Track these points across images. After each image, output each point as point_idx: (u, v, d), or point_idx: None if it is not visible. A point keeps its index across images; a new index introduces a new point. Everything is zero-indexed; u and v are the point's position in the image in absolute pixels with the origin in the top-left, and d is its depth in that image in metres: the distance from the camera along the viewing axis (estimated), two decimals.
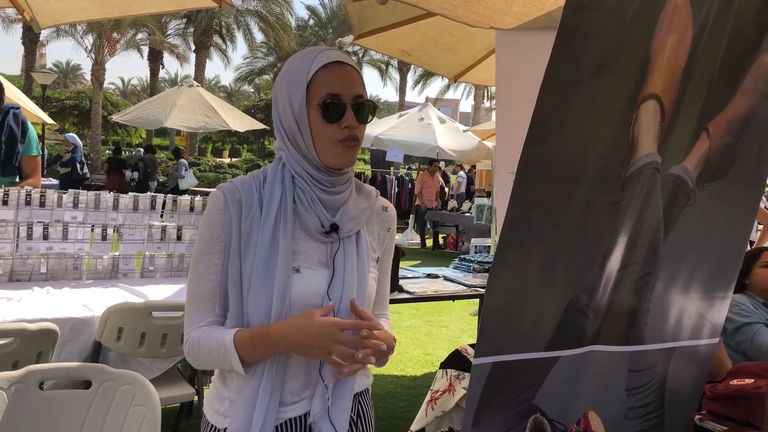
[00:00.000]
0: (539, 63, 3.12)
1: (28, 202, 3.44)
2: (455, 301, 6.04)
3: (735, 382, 2.28)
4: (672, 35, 1.76)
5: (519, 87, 3.29)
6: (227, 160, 33.98)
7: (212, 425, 1.46)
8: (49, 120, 14.13)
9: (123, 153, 19.64)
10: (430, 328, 6.76)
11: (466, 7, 3.22)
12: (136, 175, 15.21)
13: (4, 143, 3.91)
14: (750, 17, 1.90)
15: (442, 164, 16.13)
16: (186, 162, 15.38)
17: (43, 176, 16.58)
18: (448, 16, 3.28)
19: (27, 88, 24.88)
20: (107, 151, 26.41)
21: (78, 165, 14.03)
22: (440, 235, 14.34)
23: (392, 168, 20.93)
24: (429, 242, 14.44)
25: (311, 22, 39.13)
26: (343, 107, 1.41)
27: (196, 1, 3.52)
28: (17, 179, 4.04)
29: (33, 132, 4.14)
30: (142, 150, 17.39)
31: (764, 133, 2.07)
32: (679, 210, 2.01)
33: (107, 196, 3.67)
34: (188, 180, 15.14)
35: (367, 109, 1.45)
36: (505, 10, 3.32)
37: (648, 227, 1.94)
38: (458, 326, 6.76)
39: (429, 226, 14.40)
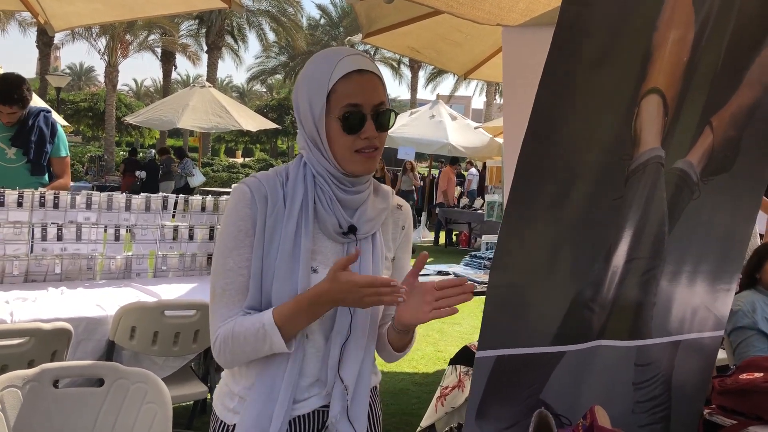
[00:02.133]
0: (545, 59, 3.12)
1: (42, 204, 3.49)
2: None
3: (744, 376, 2.28)
4: (674, 30, 1.76)
5: (526, 83, 3.28)
6: (240, 160, 34.14)
7: (222, 421, 1.49)
8: (63, 122, 14.30)
9: (138, 154, 19.80)
10: (443, 326, 6.77)
11: (472, 4, 3.23)
12: (144, 174, 15.30)
13: (34, 143, 4.03)
14: (753, 11, 1.91)
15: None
16: (191, 160, 15.44)
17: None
18: (454, 13, 3.29)
19: (42, 91, 25.12)
20: (121, 153, 26.62)
21: None
22: (453, 232, 14.33)
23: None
24: (442, 239, 14.43)
25: (323, 21, 39.21)
26: (362, 118, 1.40)
27: (205, 3, 3.56)
28: (45, 179, 4.16)
29: (62, 134, 4.29)
30: (153, 151, 17.51)
31: (767, 127, 2.07)
32: (683, 204, 2.02)
33: (119, 197, 3.72)
34: (198, 178, 15.22)
35: (388, 116, 1.44)
36: (511, 6, 3.32)
37: (653, 221, 1.95)
38: (470, 323, 6.77)
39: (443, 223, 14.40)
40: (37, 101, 11.56)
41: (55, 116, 12.79)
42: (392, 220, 1.61)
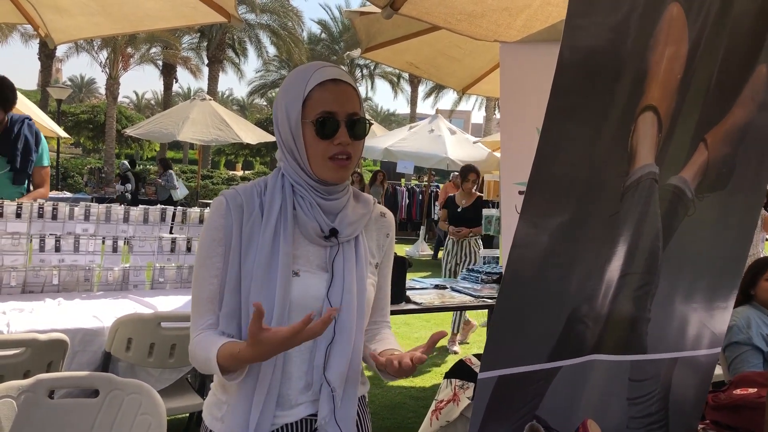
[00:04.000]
0: (543, 75, 3.14)
1: (40, 215, 3.51)
2: (464, 312, 6.07)
3: (738, 391, 2.28)
4: (668, 47, 1.78)
5: (523, 99, 3.32)
6: (240, 173, 34.17)
7: (210, 430, 1.50)
8: (63, 134, 14.30)
9: (137, 166, 19.82)
10: (441, 340, 6.75)
11: (470, 21, 3.26)
12: (129, 187, 15.26)
13: (20, 152, 3.96)
14: (746, 28, 1.93)
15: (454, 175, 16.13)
16: (174, 173, 15.36)
17: (58, 189, 16.67)
18: (453, 29, 3.33)
19: (43, 103, 25.19)
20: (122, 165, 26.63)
21: None
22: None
23: (403, 180, 20.98)
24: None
25: (323, 35, 39.37)
26: (336, 124, 1.45)
27: (205, 17, 3.57)
28: (25, 188, 4.07)
29: (45, 143, 4.21)
30: (126, 162, 17.44)
31: (763, 143, 2.09)
32: (678, 220, 2.03)
33: (118, 209, 3.74)
34: (181, 191, 15.12)
35: (362, 125, 1.49)
36: (509, 23, 3.35)
37: (647, 237, 1.95)
38: (469, 337, 6.75)
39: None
40: (38, 113, 11.60)
41: (55, 127, 12.76)
42: (377, 227, 1.64)
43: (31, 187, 4.13)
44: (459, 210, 6.70)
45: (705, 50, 1.85)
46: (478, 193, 7.13)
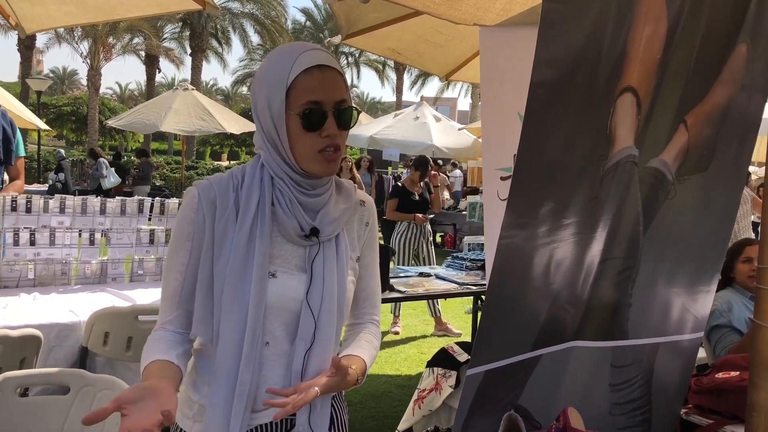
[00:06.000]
0: (523, 59, 3.10)
1: (14, 208, 3.43)
2: (448, 299, 6.05)
3: (720, 375, 2.26)
4: (647, 27, 1.75)
5: (503, 83, 3.28)
6: (225, 163, 34.01)
7: (180, 428, 1.45)
8: (44, 126, 14.13)
9: (123, 158, 19.61)
10: (426, 327, 6.74)
11: (449, 4, 3.20)
12: (62, 176, 15.00)
13: (1, 142, 3.80)
14: (725, 8, 1.89)
15: (440, 162, 16.11)
16: (105, 161, 15.09)
17: (40, 182, 16.41)
18: (431, 13, 3.26)
19: (24, 95, 24.89)
20: (107, 157, 26.39)
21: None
22: (437, 234, 14.32)
23: (390, 167, 20.94)
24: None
25: (307, 23, 39.13)
26: (323, 115, 1.35)
27: (179, 4, 3.49)
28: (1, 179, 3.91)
29: (19, 133, 4.08)
30: (62, 151, 17.16)
31: (744, 124, 2.06)
32: (659, 203, 2.00)
33: (94, 201, 3.65)
34: (110, 179, 14.86)
35: (350, 114, 1.39)
36: (488, 7, 3.30)
37: (627, 221, 1.93)
38: (454, 324, 6.74)
39: None
40: (18, 105, 11.44)
41: (36, 120, 12.59)
42: (357, 217, 1.54)
43: (6, 179, 4.03)
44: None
45: (684, 30, 1.81)
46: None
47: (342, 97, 1.38)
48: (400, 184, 7.13)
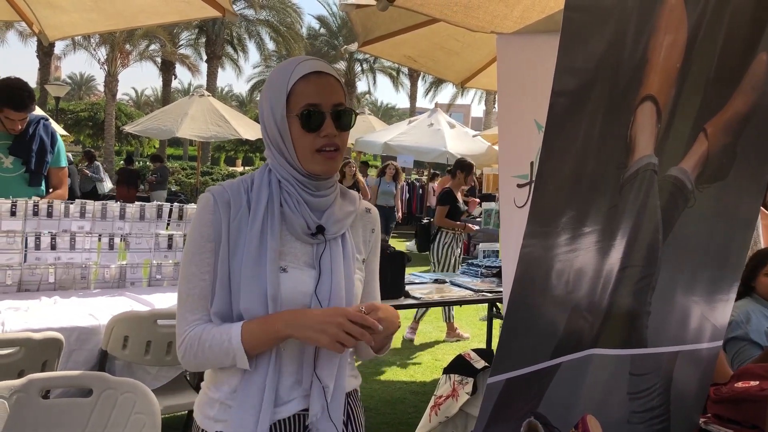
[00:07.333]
0: (540, 66, 3.11)
1: (35, 213, 3.48)
2: (463, 306, 6.05)
3: (740, 384, 2.25)
4: (667, 36, 1.75)
5: (521, 91, 3.28)
6: (240, 169, 34.15)
7: (203, 430, 1.47)
8: (63, 132, 14.25)
9: (136, 163, 19.75)
10: (440, 334, 6.73)
11: (466, 12, 3.22)
12: (69, 181, 15.02)
13: (35, 153, 3.87)
14: (746, 16, 1.89)
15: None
16: (100, 164, 15.10)
17: None
18: (448, 21, 3.28)
19: (42, 101, 25.10)
20: (121, 162, 26.61)
21: None
22: None
23: (403, 174, 20.91)
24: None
25: (322, 30, 39.26)
26: (322, 116, 1.45)
27: (199, 11, 3.53)
28: (42, 189, 3.98)
29: (62, 143, 4.12)
30: (69, 155, 17.16)
31: (764, 132, 2.05)
32: (678, 212, 1.99)
33: (114, 206, 3.70)
34: (107, 183, 14.88)
35: (347, 116, 1.48)
36: (506, 14, 3.31)
37: (646, 229, 1.92)
38: (468, 331, 6.74)
39: None
40: (36, 111, 11.54)
41: (55, 126, 12.78)
42: (362, 223, 1.64)
43: (49, 189, 4.07)
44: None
45: (704, 38, 1.81)
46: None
47: (339, 100, 1.48)
48: (448, 187, 6.86)
